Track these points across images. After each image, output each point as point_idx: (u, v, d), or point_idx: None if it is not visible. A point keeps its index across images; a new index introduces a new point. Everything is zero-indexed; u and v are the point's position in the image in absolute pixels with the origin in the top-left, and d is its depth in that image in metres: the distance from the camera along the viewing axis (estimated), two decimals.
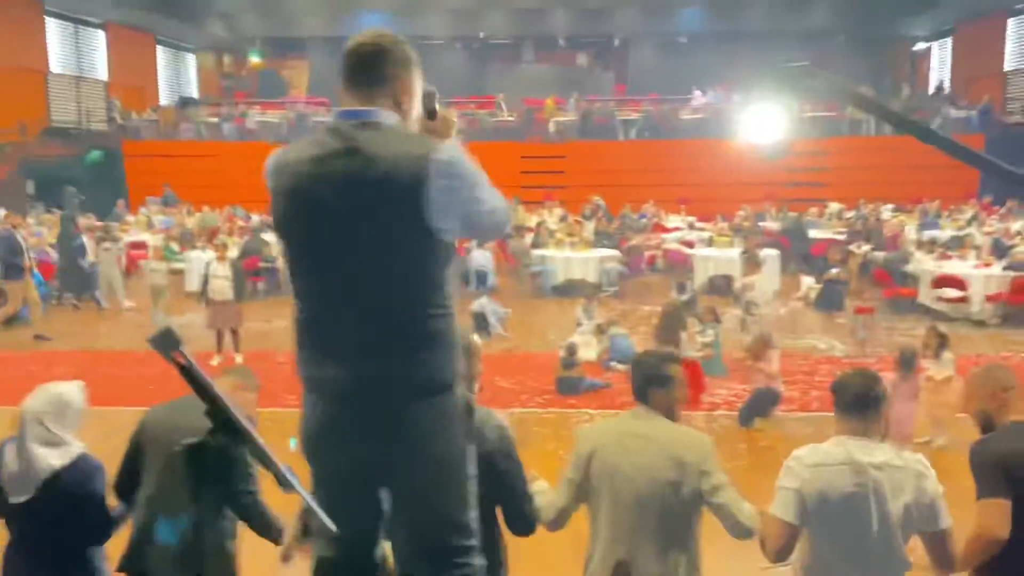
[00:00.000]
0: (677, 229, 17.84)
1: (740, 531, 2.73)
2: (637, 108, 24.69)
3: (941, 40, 28.89)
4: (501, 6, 26.81)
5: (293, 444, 2.70)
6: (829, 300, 10.80)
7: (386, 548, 2.46)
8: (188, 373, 1.64)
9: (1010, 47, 25.17)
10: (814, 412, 7.82)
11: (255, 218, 18.79)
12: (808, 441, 2.87)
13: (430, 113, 2.33)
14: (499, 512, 2.73)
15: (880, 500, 2.61)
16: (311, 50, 30.17)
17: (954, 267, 12.27)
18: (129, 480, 3.07)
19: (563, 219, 18.08)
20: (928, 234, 15.56)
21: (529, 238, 14.77)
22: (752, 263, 10.83)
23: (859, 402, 2.72)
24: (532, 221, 17.12)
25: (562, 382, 8.55)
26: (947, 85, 27.62)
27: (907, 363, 6.30)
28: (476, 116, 24.15)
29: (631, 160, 22.74)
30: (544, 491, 2.96)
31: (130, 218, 18.40)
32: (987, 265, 12.28)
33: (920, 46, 30.13)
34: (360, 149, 2.10)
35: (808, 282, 13.22)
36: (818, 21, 26.70)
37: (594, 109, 24.33)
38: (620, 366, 9.26)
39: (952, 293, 11.73)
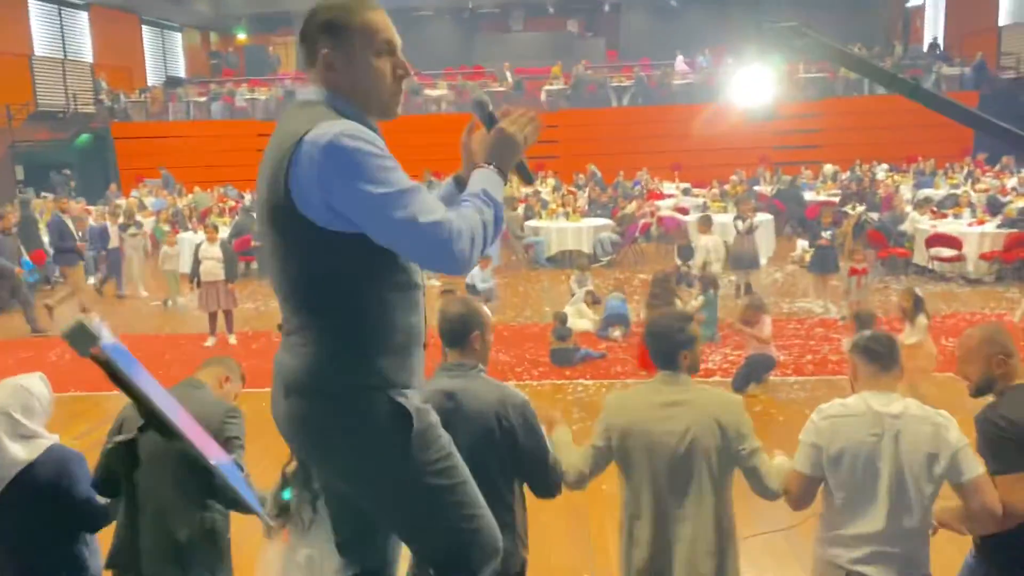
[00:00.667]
0: (671, 196, 17.77)
1: (768, 494, 2.82)
2: (630, 74, 24.46)
3: None
4: None
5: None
6: (822, 263, 10.78)
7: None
8: (109, 369, 1.50)
9: (1004, 1, 24.89)
10: (809, 376, 7.83)
11: (247, 197, 18.68)
12: (803, 405, 2.88)
13: (487, 124, 2.14)
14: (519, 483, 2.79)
15: (896, 448, 2.64)
16: (298, 25, 29.36)
17: (948, 226, 12.24)
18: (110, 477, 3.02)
19: (556, 189, 18.00)
20: (923, 193, 15.51)
21: (521, 209, 14.69)
22: (703, 224, 10.91)
23: (877, 358, 2.77)
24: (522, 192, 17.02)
25: (556, 354, 8.53)
26: (940, 42, 27.37)
27: (863, 324, 6.25)
28: (465, 87, 23.92)
29: (624, 128, 22.58)
30: (567, 443, 2.98)
31: (120, 201, 18.25)
32: (981, 223, 12.24)
33: (913, 3, 29.81)
34: (277, 128, 2.02)
35: (803, 245, 13.20)
36: None
37: (586, 77, 24.11)
38: (616, 332, 9.26)
39: (947, 252, 11.70)
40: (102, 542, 3.07)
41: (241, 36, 32.21)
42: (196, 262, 9.45)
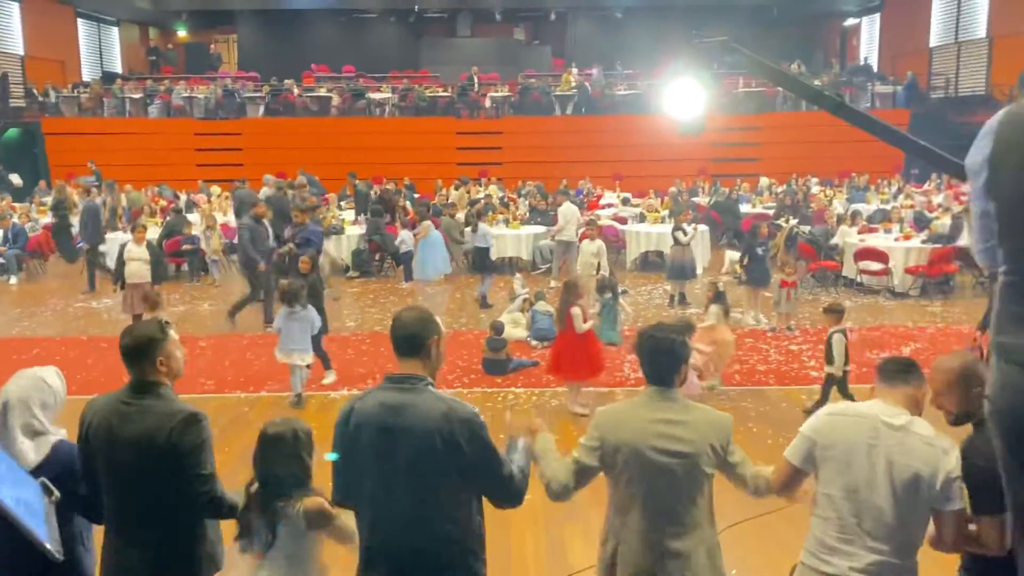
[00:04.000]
0: (611, 205, 17.91)
1: (756, 493, 2.88)
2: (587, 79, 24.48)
3: (870, 16, 29.42)
4: None
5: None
6: (755, 276, 10.94)
7: None
8: None
9: (935, 23, 25.74)
10: (736, 386, 7.93)
11: (182, 197, 18.26)
12: (729, 415, 2.93)
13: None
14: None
15: (889, 459, 2.63)
16: (241, 24, 29.32)
17: (876, 240, 12.55)
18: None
19: (500, 196, 17.98)
20: (853, 207, 15.89)
21: (461, 215, 14.63)
22: (590, 228, 11.43)
23: (900, 374, 2.80)
24: (453, 197, 17.04)
25: (488, 364, 8.49)
26: (875, 61, 28.18)
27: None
28: (411, 90, 23.80)
29: (567, 136, 22.71)
30: (551, 451, 2.94)
31: (48, 199, 17.65)
32: (907, 238, 12.58)
33: (850, 22, 30.63)
34: None
35: (732, 256, 13.39)
36: None
37: (531, 84, 24.20)
38: (537, 343, 9.31)
39: (874, 266, 12.00)
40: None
41: (181, 33, 31.52)
42: (120, 263, 9.18)
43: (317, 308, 7.75)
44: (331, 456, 2.70)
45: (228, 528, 3.02)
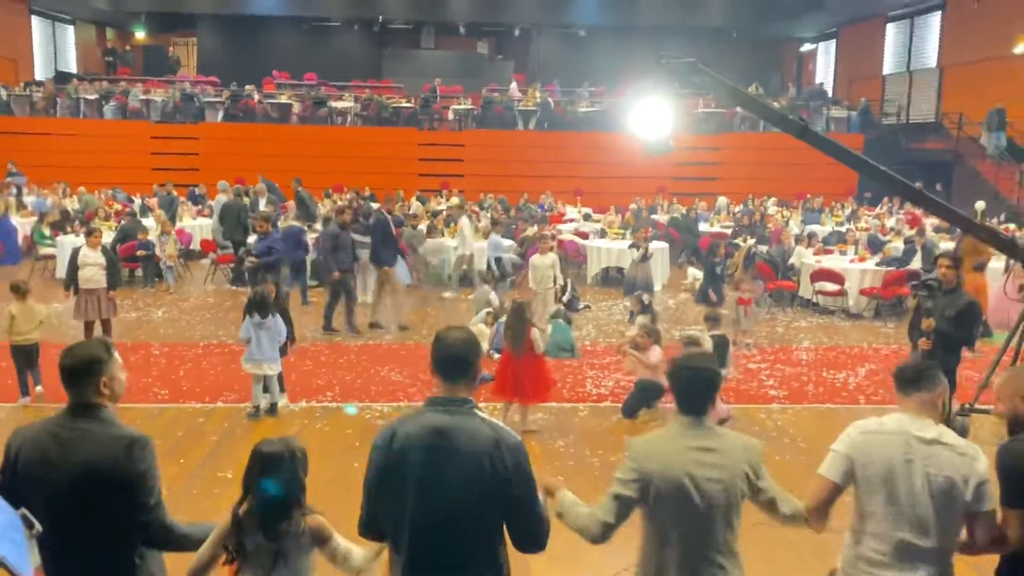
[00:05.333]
0: (573, 220, 18.01)
1: (790, 519, 2.90)
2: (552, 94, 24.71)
3: (826, 42, 30.14)
4: None
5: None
6: (708, 294, 11.08)
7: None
8: None
9: (888, 52, 26.47)
10: None
11: (136, 201, 17.91)
12: None
13: None
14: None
15: (925, 471, 2.77)
16: (202, 27, 28.94)
17: (832, 262, 12.80)
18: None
19: (461, 207, 17.93)
20: (809, 229, 16.20)
21: (423, 227, 14.56)
22: (543, 243, 11.16)
23: (913, 381, 2.93)
24: (415, 208, 16.97)
25: None
26: (830, 86, 28.85)
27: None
28: (373, 100, 23.70)
29: (529, 151, 22.80)
30: (575, 501, 2.93)
31: None
32: (862, 260, 12.85)
33: (807, 47, 31.35)
34: None
35: (694, 273, 13.56)
36: (712, 19, 27.39)
37: (494, 99, 24.28)
38: (565, 355, 9.47)
39: (830, 287, 12.22)
40: None
41: (140, 34, 30.99)
42: (73, 268, 8.91)
43: (284, 318, 7.62)
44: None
45: (175, 561, 2.91)
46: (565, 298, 11.52)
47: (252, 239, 11.74)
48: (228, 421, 7.25)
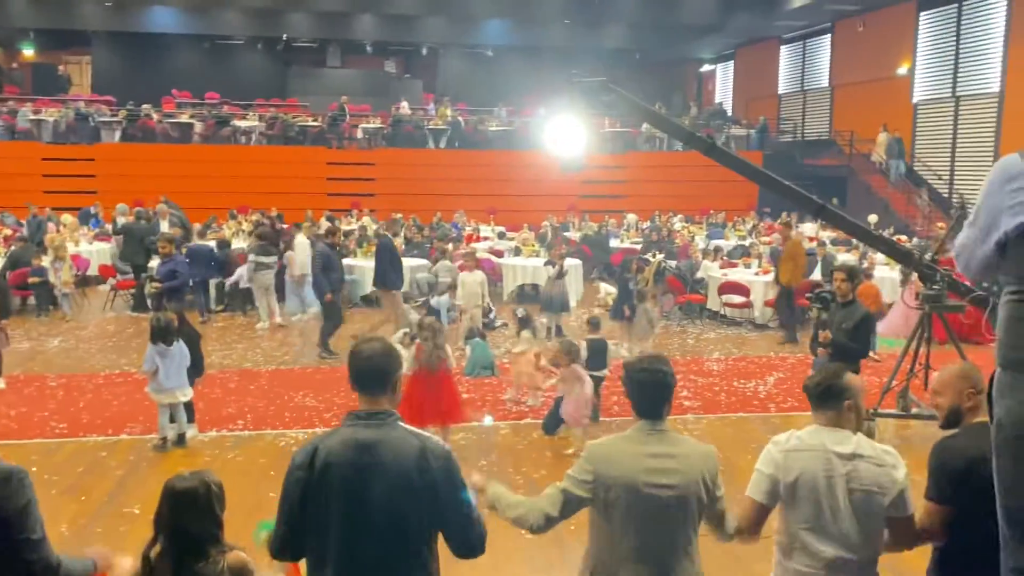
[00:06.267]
0: (487, 239, 18.04)
1: (726, 537, 2.92)
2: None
3: (724, 63, 31.26)
4: (304, 8, 25.92)
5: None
6: (623, 310, 11.22)
7: None
8: None
9: (783, 72, 27.65)
10: (615, 416, 8.07)
11: (26, 225, 17.00)
12: None
13: None
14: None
15: (847, 487, 2.80)
16: (96, 45, 27.83)
17: (737, 274, 13.19)
18: None
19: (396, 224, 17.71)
20: (714, 243, 16.67)
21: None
22: (468, 260, 11.78)
23: (824, 395, 2.93)
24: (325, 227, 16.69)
25: None
26: (729, 105, 29.91)
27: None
28: (279, 119, 23.24)
29: (441, 170, 22.76)
30: (506, 494, 2.90)
31: None
32: (766, 272, 13.28)
33: (706, 68, 32.44)
34: None
35: (607, 289, 13.75)
36: (615, 40, 27.99)
37: (404, 117, 24.17)
38: (486, 374, 9.53)
39: (736, 299, 12.59)
40: None
41: (28, 52, 29.58)
42: None
43: (193, 351, 7.28)
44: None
45: None
46: (489, 316, 11.61)
47: (154, 263, 11.27)
48: (133, 454, 6.92)
